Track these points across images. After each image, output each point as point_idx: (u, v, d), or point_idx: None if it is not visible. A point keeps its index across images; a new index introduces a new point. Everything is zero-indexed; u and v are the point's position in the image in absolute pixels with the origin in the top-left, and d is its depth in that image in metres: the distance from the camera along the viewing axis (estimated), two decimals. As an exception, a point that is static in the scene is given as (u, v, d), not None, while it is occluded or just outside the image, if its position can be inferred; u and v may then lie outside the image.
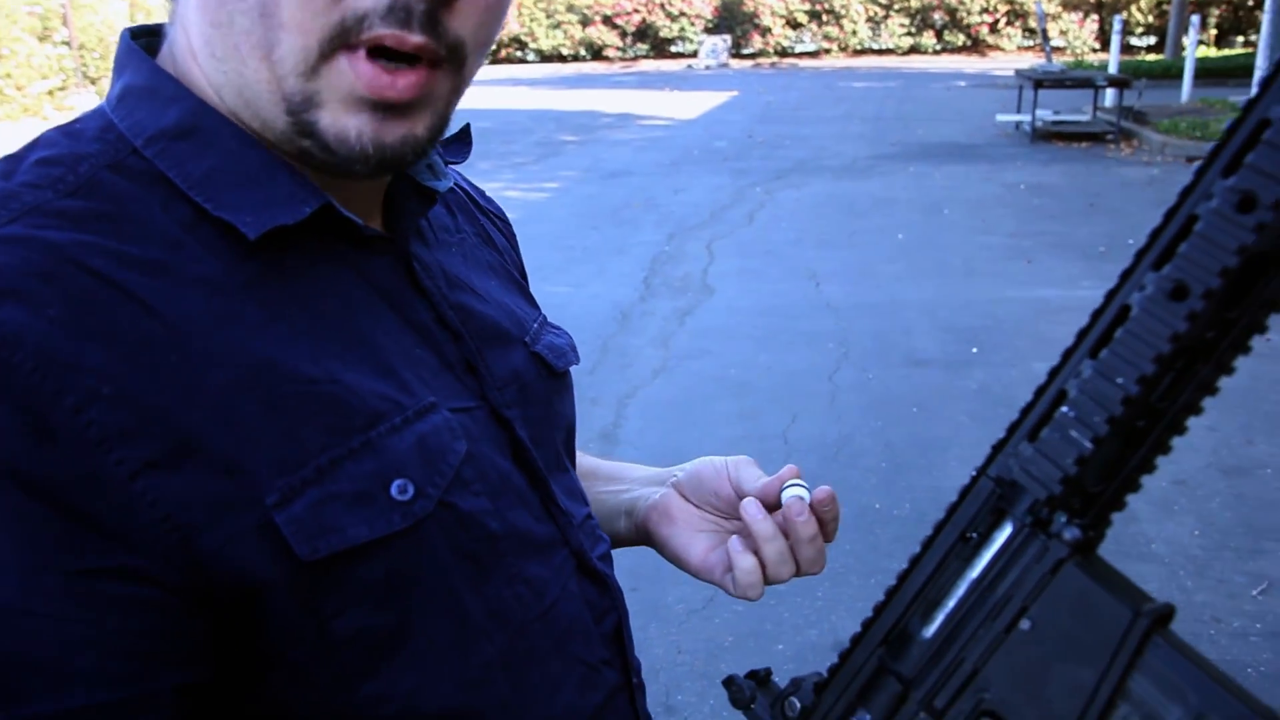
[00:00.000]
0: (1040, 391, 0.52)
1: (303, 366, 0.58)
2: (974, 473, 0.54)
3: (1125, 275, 0.48)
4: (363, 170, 0.59)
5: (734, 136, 12.68)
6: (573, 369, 0.83)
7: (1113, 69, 13.67)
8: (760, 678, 0.63)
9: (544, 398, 0.75)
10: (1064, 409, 0.50)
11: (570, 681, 0.70)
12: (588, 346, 5.28)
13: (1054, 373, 0.52)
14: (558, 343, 0.80)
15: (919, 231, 7.62)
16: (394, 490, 0.58)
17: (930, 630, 0.53)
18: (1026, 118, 11.92)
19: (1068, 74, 12.62)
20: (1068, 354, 0.51)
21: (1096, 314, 0.49)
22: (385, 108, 0.58)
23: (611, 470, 0.95)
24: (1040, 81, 11.60)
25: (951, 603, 0.52)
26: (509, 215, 0.93)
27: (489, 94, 17.91)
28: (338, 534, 0.56)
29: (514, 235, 0.89)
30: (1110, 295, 0.49)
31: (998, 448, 0.53)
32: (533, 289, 0.87)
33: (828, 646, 2.85)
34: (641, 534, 0.87)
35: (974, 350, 5.07)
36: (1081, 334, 0.50)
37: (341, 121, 0.57)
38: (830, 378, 4.80)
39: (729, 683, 0.64)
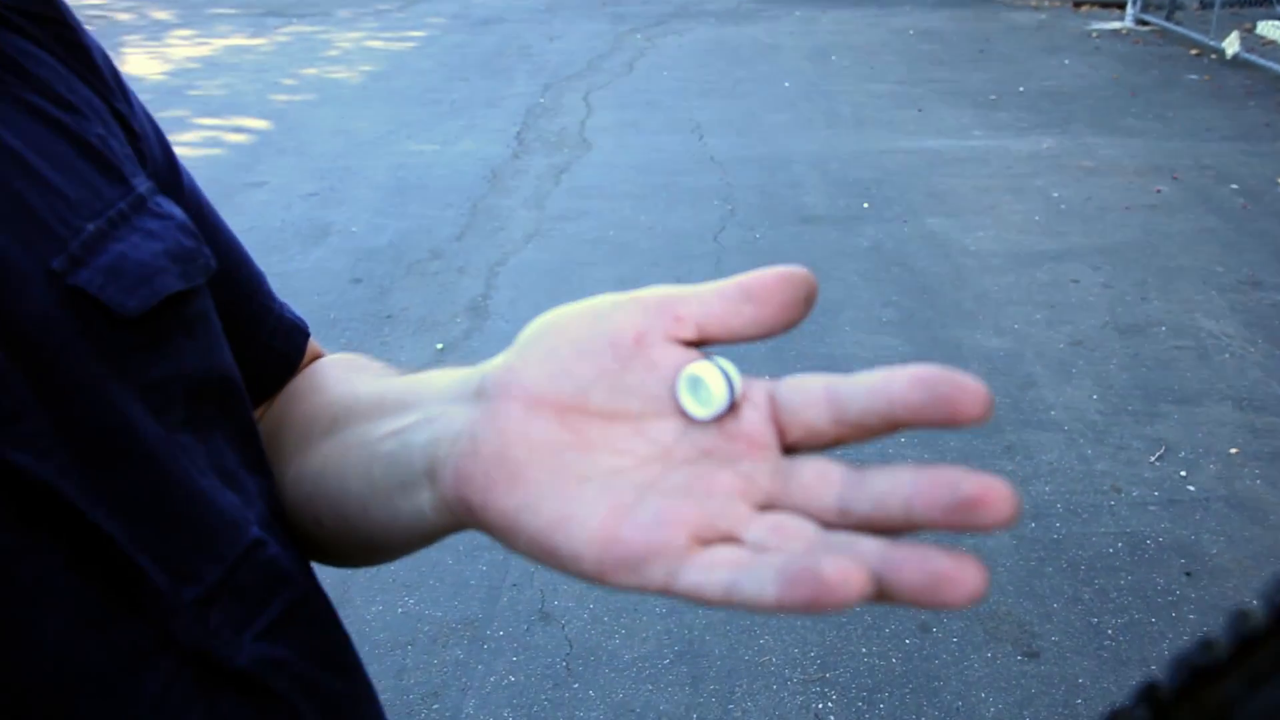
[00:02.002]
0: None
1: None
2: None
3: None
4: None
5: (613, -20, 12.03)
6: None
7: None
8: None
9: (106, 375, 0.42)
10: None
11: None
12: (456, 210, 4.88)
13: None
14: (138, 256, 0.45)
15: (806, 79, 7.28)
16: None
17: None
18: (915, -40, 11.53)
19: (957, -87, 12.18)
20: None
21: None
22: None
23: (392, 392, 0.51)
24: (929, -79, 11.18)
25: None
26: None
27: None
28: None
29: (88, 46, 0.50)
30: None
31: None
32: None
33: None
34: (461, 509, 0.41)
35: (865, 205, 4.83)
36: None
37: None
38: (715, 238, 4.51)
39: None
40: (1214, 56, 7.61)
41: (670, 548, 0.36)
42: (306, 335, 0.64)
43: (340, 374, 0.60)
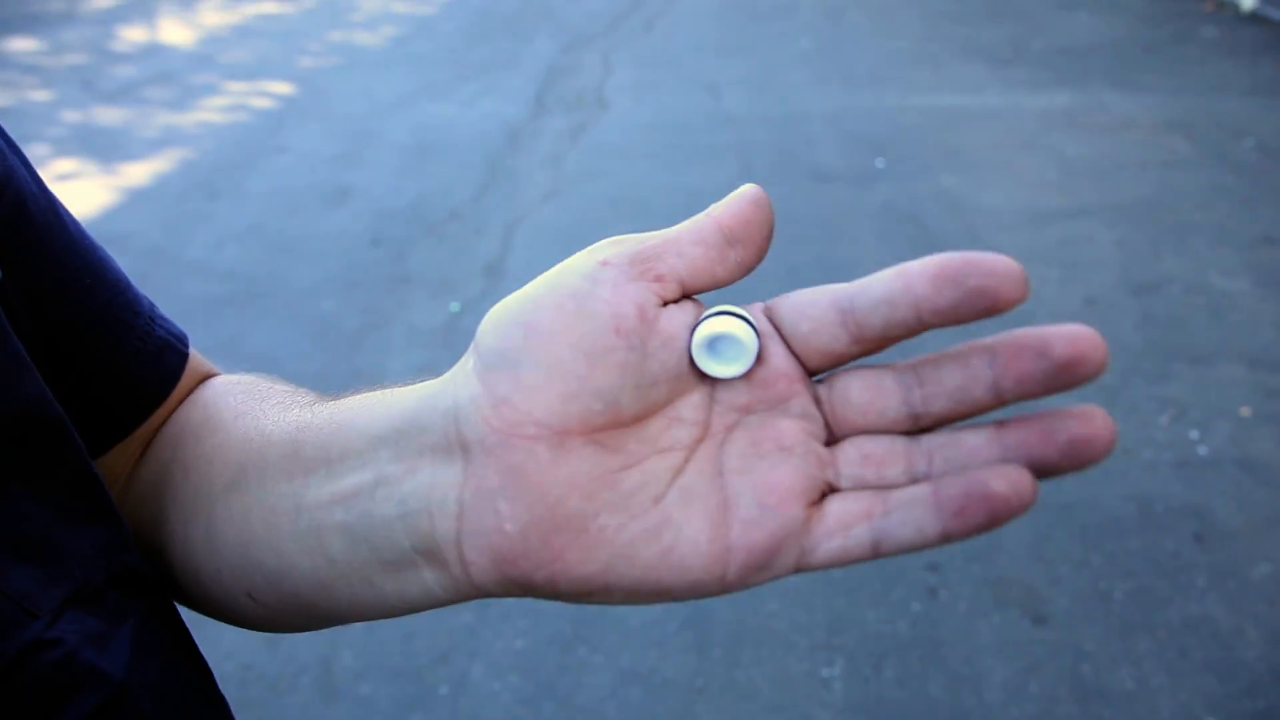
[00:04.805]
0: None
1: None
2: None
3: None
4: None
5: (628, -68, 11.89)
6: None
7: None
8: None
9: None
10: None
11: None
12: (475, 171, 4.90)
13: None
14: None
15: (823, 37, 7.23)
16: None
17: None
18: (933, -91, 11.36)
19: None
20: None
21: None
22: None
23: (307, 436, 0.41)
24: None
25: None
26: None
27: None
28: None
29: None
30: None
31: None
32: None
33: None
34: (510, 588, 0.35)
35: (879, 163, 4.83)
36: None
37: None
38: (731, 199, 4.52)
39: None
40: (1230, 12, 7.52)
41: (791, 529, 0.32)
42: (183, 355, 0.51)
43: (239, 405, 0.47)
